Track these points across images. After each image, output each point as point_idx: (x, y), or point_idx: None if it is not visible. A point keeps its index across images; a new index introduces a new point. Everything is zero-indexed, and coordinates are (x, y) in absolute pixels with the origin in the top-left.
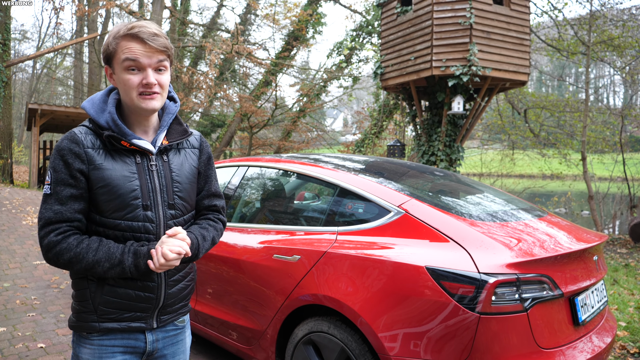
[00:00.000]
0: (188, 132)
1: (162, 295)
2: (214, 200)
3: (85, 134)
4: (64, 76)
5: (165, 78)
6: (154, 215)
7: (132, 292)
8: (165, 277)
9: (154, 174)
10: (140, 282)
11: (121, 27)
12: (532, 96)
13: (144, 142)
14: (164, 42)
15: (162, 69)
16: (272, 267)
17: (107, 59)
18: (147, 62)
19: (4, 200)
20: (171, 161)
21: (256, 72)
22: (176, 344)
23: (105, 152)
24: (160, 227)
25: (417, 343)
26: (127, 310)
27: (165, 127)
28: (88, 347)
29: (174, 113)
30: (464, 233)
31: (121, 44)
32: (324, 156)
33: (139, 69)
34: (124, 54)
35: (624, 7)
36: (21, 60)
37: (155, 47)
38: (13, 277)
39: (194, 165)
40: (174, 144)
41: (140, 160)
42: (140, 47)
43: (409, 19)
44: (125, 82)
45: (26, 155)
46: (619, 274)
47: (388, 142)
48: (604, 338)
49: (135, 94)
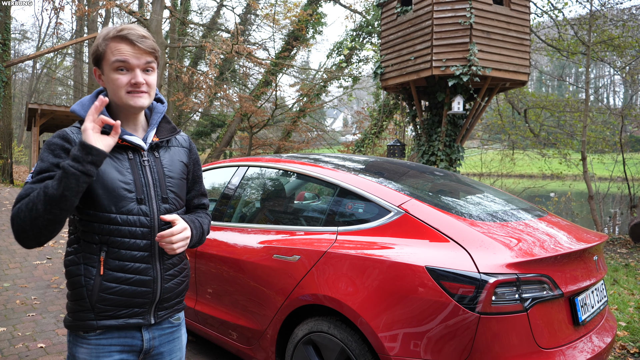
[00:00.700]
0: (177, 130)
1: (158, 290)
2: (202, 199)
3: (76, 134)
4: (64, 76)
5: (153, 78)
6: (148, 209)
7: (129, 288)
8: (161, 271)
9: (147, 169)
10: (137, 277)
11: (110, 29)
12: (532, 96)
13: (136, 138)
14: (152, 44)
15: (149, 69)
16: (272, 267)
17: (96, 61)
18: (136, 62)
19: (4, 200)
20: (162, 157)
21: (256, 72)
22: (172, 342)
23: None
24: (154, 220)
25: (417, 343)
26: (124, 306)
27: (154, 125)
28: (85, 347)
29: (162, 112)
30: (464, 233)
31: (110, 45)
32: (324, 156)
33: (128, 69)
34: (114, 55)
35: (624, 7)
36: (21, 60)
37: (143, 48)
38: (13, 277)
39: (183, 161)
40: (164, 141)
41: (132, 156)
42: (129, 48)
43: (409, 19)
44: (114, 81)
45: (26, 155)
46: (619, 274)
47: (388, 142)
48: (604, 338)
49: (124, 92)
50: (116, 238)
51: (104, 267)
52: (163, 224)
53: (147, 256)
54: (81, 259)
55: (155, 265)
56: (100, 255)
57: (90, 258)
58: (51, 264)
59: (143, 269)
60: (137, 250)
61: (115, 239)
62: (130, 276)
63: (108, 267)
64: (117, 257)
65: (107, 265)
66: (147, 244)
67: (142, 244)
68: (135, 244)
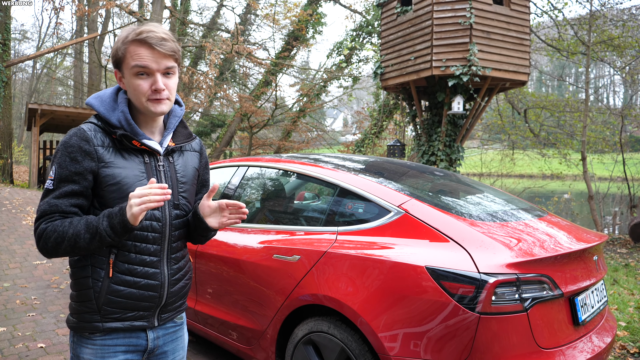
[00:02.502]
0: (193, 136)
1: (165, 294)
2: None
3: (94, 132)
4: (64, 76)
5: (173, 82)
6: (160, 214)
7: (137, 292)
8: (168, 276)
9: (162, 174)
10: (145, 281)
11: (130, 31)
12: (532, 96)
13: (154, 143)
14: (172, 47)
15: (170, 73)
16: (272, 267)
17: (116, 64)
18: (156, 67)
19: (4, 200)
20: (176, 162)
21: (256, 72)
22: (176, 341)
23: (114, 150)
24: (166, 226)
25: (417, 343)
26: (130, 309)
27: (171, 130)
28: (90, 348)
29: (180, 116)
30: (464, 233)
31: (130, 49)
32: (324, 156)
33: (148, 74)
34: (133, 60)
35: (624, 7)
36: (21, 60)
37: (163, 52)
38: (13, 277)
39: (195, 167)
40: (180, 146)
41: (148, 160)
42: (148, 52)
43: (409, 19)
44: (135, 87)
45: (26, 155)
46: (619, 274)
47: (388, 142)
48: (604, 338)
49: (145, 99)
50: (127, 242)
51: (112, 270)
52: (173, 229)
53: (156, 261)
54: (89, 261)
55: (163, 270)
56: (109, 257)
57: (98, 260)
58: (51, 264)
59: (151, 274)
60: (147, 255)
61: (127, 242)
62: (139, 280)
63: (117, 270)
64: (127, 261)
65: (116, 268)
66: (157, 248)
67: (152, 249)
68: (145, 249)
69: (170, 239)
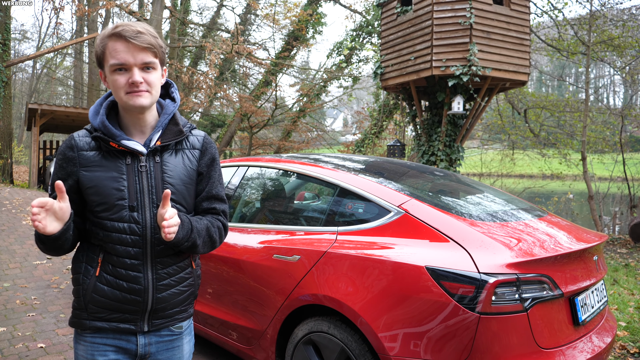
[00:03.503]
0: (183, 133)
1: (149, 299)
2: (214, 203)
3: (83, 137)
4: (64, 76)
5: (154, 76)
6: (140, 217)
7: (119, 294)
8: (153, 281)
9: (143, 175)
10: (127, 284)
11: (108, 28)
12: (532, 96)
13: (133, 143)
14: (149, 40)
15: (149, 67)
16: (272, 267)
17: (99, 63)
18: (132, 61)
19: (4, 200)
20: (165, 162)
21: (256, 72)
22: (171, 350)
23: (99, 153)
24: (146, 228)
25: (417, 343)
26: (114, 310)
27: (160, 128)
28: (82, 344)
29: (171, 113)
30: (464, 233)
31: (108, 45)
32: (324, 156)
33: (126, 69)
34: (111, 55)
35: (624, 7)
36: (21, 60)
37: (138, 44)
38: (13, 277)
39: (191, 167)
40: (171, 145)
41: (130, 162)
42: (124, 46)
43: (409, 19)
44: (113, 82)
45: (26, 155)
46: (619, 274)
47: (388, 142)
48: (604, 338)
49: (123, 93)
50: (108, 244)
51: (100, 269)
52: (156, 233)
53: (137, 264)
54: (84, 258)
55: (147, 274)
56: (99, 256)
57: (91, 258)
58: (51, 264)
59: (133, 277)
60: (128, 258)
61: (108, 244)
62: (122, 282)
63: (104, 270)
64: (111, 262)
65: (104, 267)
66: (139, 252)
67: (132, 252)
68: (125, 251)
69: (153, 242)
